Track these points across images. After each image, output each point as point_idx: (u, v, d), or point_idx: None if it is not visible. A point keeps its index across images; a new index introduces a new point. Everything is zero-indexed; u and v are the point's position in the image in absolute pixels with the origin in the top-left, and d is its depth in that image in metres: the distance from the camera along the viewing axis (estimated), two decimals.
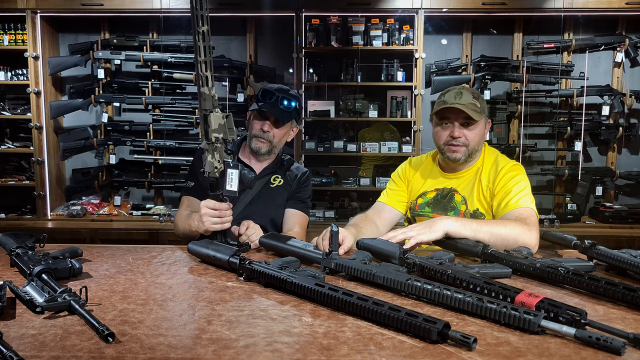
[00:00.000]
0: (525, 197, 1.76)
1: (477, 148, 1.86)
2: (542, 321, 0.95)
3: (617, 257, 1.35)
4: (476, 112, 1.81)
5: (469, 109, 1.79)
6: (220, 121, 1.55)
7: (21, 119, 3.91)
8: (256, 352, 0.90)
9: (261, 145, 2.00)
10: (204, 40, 1.44)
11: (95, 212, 3.93)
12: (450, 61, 3.86)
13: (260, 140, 1.99)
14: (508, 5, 3.59)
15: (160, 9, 3.69)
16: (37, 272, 1.23)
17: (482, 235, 1.55)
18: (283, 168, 2.11)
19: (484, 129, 1.89)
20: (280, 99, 1.95)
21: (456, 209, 1.87)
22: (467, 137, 1.83)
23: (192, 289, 1.27)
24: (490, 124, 1.95)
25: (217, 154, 1.59)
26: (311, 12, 3.76)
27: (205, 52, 1.45)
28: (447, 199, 1.90)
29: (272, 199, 2.05)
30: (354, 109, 3.85)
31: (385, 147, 3.82)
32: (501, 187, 1.81)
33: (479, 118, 1.81)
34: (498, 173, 1.84)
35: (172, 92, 3.97)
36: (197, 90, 1.53)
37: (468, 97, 1.82)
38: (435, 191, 1.93)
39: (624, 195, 4.00)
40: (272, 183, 2.07)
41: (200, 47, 1.44)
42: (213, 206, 1.64)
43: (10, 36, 3.79)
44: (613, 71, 3.88)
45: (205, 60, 1.45)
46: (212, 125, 1.55)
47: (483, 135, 1.88)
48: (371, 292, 1.22)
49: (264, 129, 1.98)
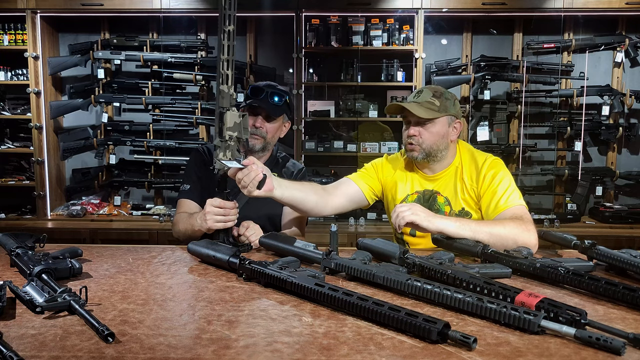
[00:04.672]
0: (512, 194, 1.74)
1: (436, 148, 1.81)
2: (542, 321, 0.95)
3: (617, 257, 1.35)
4: (430, 111, 1.77)
5: (423, 107, 1.77)
6: (236, 119, 1.57)
7: (21, 119, 3.91)
8: (256, 352, 0.90)
9: (255, 142, 1.99)
10: (229, 40, 1.46)
11: (95, 212, 3.93)
12: (450, 61, 3.86)
13: (253, 137, 1.98)
14: (508, 5, 3.59)
15: (160, 9, 3.69)
16: (37, 272, 1.23)
17: (482, 236, 1.54)
18: (279, 165, 2.10)
19: (447, 129, 1.82)
20: (270, 95, 1.96)
21: (440, 210, 1.85)
22: (422, 136, 1.80)
23: (192, 289, 1.27)
24: (461, 125, 1.87)
25: (229, 152, 1.59)
26: (311, 12, 3.76)
27: (229, 51, 1.47)
28: (429, 202, 1.87)
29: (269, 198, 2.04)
30: (354, 109, 3.85)
31: (385, 147, 3.82)
32: (486, 189, 1.78)
33: (431, 116, 1.77)
34: (479, 172, 1.81)
35: (172, 92, 3.97)
36: (217, 87, 1.54)
37: (427, 95, 1.80)
38: (416, 194, 1.90)
39: (624, 195, 4.00)
40: None
41: (225, 46, 1.46)
42: (219, 204, 1.64)
43: (10, 36, 3.80)
44: (613, 71, 3.89)
45: (228, 59, 1.47)
46: (227, 123, 1.56)
47: (444, 135, 1.81)
48: (371, 292, 1.22)
49: (257, 125, 1.97)
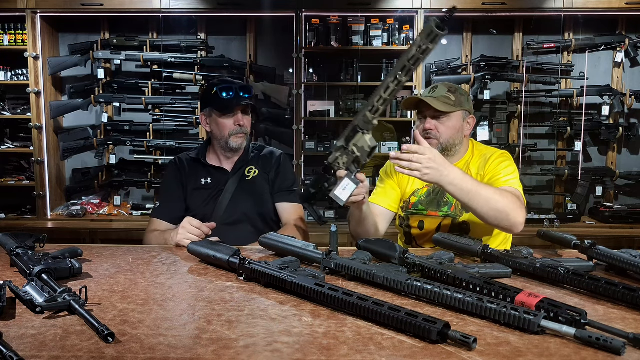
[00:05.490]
0: (513, 180, 1.77)
1: (452, 142, 1.85)
2: (542, 321, 0.95)
3: (617, 257, 1.35)
4: (447, 105, 1.80)
5: (440, 101, 1.80)
6: (364, 144, 1.51)
7: (21, 119, 3.91)
8: (256, 352, 0.90)
9: (242, 140, 1.99)
10: (396, 85, 1.41)
11: (95, 212, 3.93)
12: (450, 61, 3.86)
13: (238, 136, 1.97)
14: (508, 5, 3.59)
15: (160, 9, 3.69)
16: (37, 272, 1.23)
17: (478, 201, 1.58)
18: (255, 156, 2.08)
19: (462, 123, 1.86)
20: (238, 90, 1.94)
21: (449, 203, 1.88)
22: (439, 130, 1.83)
23: (192, 289, 1.27)
24: (474, 120, 1.92)
25: (347, 158, 1.55)
26: (311, 12, 3.76)
27: (391, 93, 1.42)
28: (439, 195, 1.90)
29: (254, 193, 2.02)
30: (354, 109, 3.85)
31: (385, 147, 3.82)
32: (490, 171, 1.82)
33: (448, 110, 1.80)
34: (487, 161, 1.85)
35: (172, 92, 3.97)
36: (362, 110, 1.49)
37: (442, 90, 1.83)
38: (426, 188, 1.93)
39: (624, 195, 4.00)
40: (247, 176, 2.04)
41: (390, 87, 1.41)
42: (197, 225, 1.70)
43: (10, 36, 3.79)
44: (613, 71, 3.88)
45: (385, 98, 1.43)
46: (357, 140, 1.52)
47: (460, 129, 1.86)
48: (371, 292, 1.22)
49: (241, 123, 1.96)
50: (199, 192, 2.02)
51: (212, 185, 2.03)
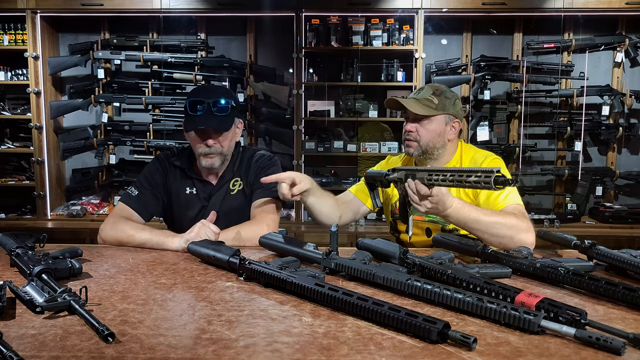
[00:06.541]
0: (512, 194, 1.73)
1: (432, 145, 1.81)
2: (542, 321, 0.95)
3: (617, 257, 1.35)
4: (427, 108, 1.77)
5: (421, 104, 1.77)
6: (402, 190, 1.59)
7: (21, 119, 3.91)
8: (256, 352, 0.90)
9: (213, 161, 1.81)
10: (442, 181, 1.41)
11: (95, 212, 3.93)
12: (450, 61, 3.86)
13: (209, 157, 1.79)
14: (508, 5, 3.60)
15: (160, 9, 3.69)
16: (37, 272, 1.23)
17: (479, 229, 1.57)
18: (242, 167, 1.91)
19: (443, 127, 1.81)
20: (212, 105, 1.74)
21: None
22: (419, 133, 1.80)
23: (192, 288, 1.27)
24: (459, 124, 1.86)
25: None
26: (311, 12, 3.76)
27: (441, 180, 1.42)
28: None
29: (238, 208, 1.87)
30: (354, 109, 3.85)
31: (385, 147, 3.82)
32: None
33: (426, 113, 1.77)
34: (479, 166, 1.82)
35: (172, 92, 3.97)
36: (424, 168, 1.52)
37: (426, 93, 1.80)
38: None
39: (624, 195, 4.00)
40: (231, 190, 1.90)
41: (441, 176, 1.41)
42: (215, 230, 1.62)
43: (10, 36, 3.80)
44: (613, 71, 3.89)
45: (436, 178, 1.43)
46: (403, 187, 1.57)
47: (441, 133, 1.81)
48: (371, 292, 1.22)
49: (209, 144, 1.77)
50: (185, 200, 1.91)
51: (196, 196, 1.91)
